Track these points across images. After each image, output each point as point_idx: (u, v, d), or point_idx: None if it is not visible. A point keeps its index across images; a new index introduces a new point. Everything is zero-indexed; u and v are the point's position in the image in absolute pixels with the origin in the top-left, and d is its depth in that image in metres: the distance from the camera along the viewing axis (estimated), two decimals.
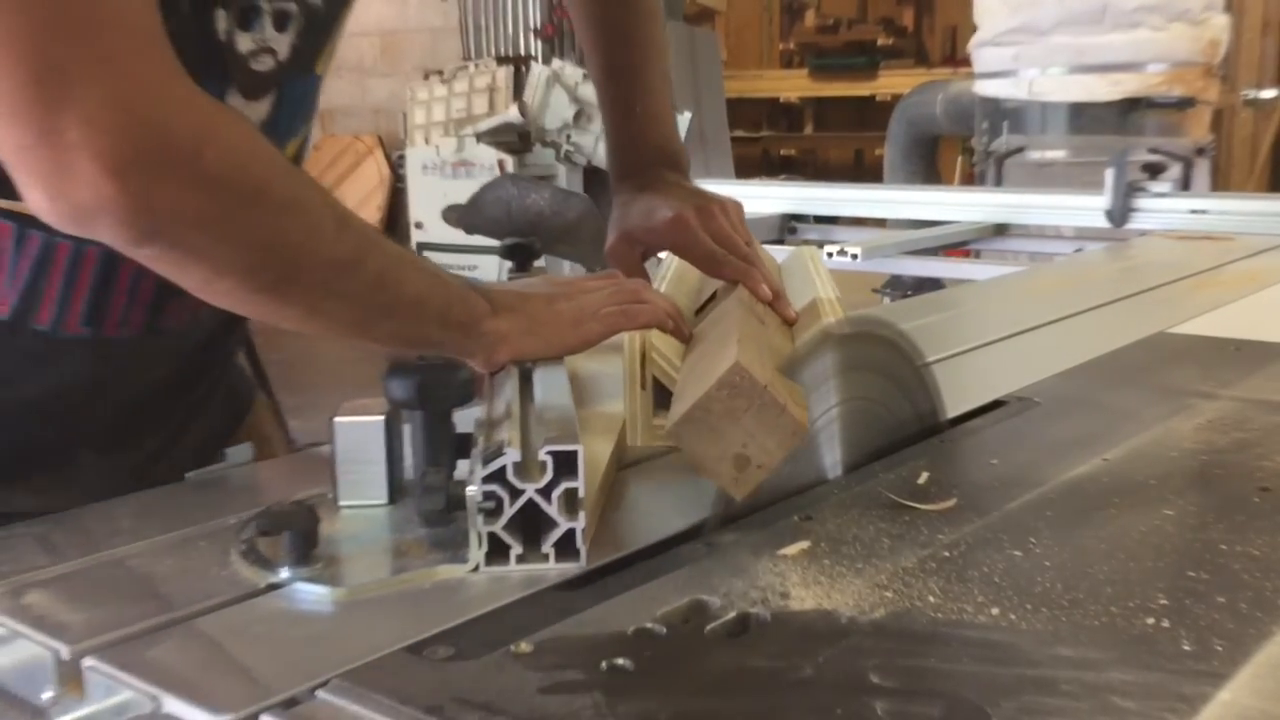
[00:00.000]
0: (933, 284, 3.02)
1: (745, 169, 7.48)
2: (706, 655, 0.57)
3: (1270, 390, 1.09)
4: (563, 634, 0.59)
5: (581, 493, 0.66)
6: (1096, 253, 2.34)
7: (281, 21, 0.85)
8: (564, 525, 0.67)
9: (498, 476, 0.65)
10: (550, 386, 0.79)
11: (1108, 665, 0.55)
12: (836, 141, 11.04)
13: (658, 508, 0.79)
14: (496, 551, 0.67)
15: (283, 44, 0.86)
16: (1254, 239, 2.21)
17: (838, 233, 3.05)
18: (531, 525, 0.67)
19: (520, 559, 0.67)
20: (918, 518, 0.74)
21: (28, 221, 0.77)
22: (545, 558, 0.67)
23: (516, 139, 6.12)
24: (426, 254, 5.39)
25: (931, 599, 0.62)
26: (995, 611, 0.61)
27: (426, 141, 6.72)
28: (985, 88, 4.66)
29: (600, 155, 6.27)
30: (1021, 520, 0.74)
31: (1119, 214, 2.63)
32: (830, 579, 0.65)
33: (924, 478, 0.81)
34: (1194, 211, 2.55)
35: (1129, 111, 4.30)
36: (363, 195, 7.57)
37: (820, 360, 0.80)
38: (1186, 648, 0.57)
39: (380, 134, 7.75)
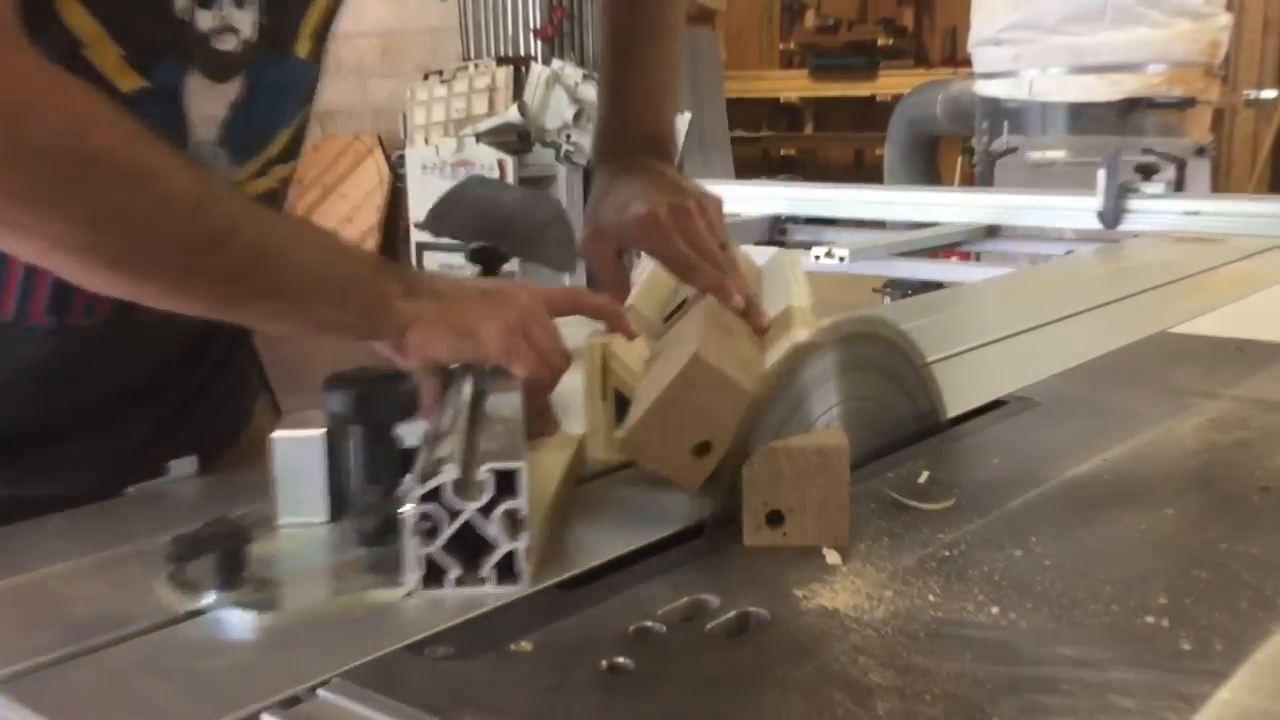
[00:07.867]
0: (935, 284, 3.01)
1: (745, 169, 7.47)
2: (706, 655, 0.57)
3: (1271, 390, 1.09)
4: (563, 634, 0.59)
5: (523, 512, 0.63)
6: (1088, 255, 2.33)
7: None
8: (505, 546, 0.63)
9: (434, 496, 0.62)
10: (501, 401, 0.75)
11: (1108, 664, 0.55)
12: (836, 142, 11.03)
13: (613, 524, 0.76)
14: (433, 575, 0.63)
15: (246, 21, 0.83)
16: (1247, 241, 2.20)
17: (830, 234, 3.02)
18: (475, 546, 0.64)
19: (458, 582, 0.63)
20: (918, 517, 0.74)
21: None
22: (484, 581, 0.64)
23: (516, 139, 6.12)
24: (427, 254, 5.38)
25: (931, 598, 0.62)
26: (995, 610, 0.61)
27: (426, 142, 6.71)
28: (985, 88, 4.66)
29: None
30: (1021, 520, 0.74)
31: (1111, 215, 2.60)
32: (830, 578, 0.65)
33: (924, 477, 0.81)
34: (1188, 213, 2.53)
35: (1129, 111, 4.29)
36: (362, 195, 7.57)
37: (820, 360, 0.80)
38: (1186, 647, 0.57)
39: (380, 134, 7.73)
